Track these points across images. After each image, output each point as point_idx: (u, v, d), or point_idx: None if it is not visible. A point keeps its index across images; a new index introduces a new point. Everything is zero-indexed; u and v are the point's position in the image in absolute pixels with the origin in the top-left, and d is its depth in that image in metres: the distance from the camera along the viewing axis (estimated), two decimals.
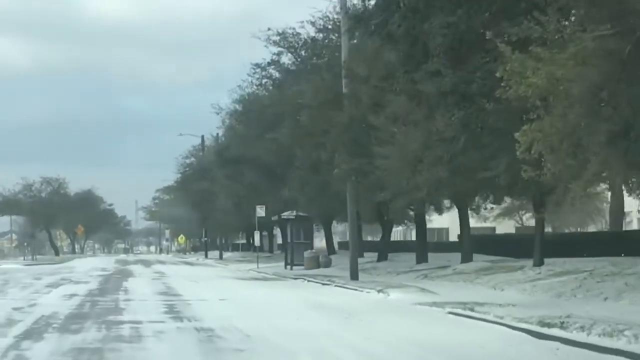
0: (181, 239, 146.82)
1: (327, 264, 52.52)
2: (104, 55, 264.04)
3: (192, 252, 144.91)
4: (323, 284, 35.13)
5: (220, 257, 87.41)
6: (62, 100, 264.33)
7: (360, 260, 53.34)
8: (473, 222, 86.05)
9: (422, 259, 41.08)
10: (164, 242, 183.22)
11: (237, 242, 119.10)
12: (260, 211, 57.01)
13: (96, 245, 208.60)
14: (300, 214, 51.87)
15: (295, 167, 41.90)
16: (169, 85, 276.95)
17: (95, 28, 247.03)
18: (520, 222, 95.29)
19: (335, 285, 33.32)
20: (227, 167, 56.45)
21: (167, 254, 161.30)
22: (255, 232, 59.09)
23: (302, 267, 52.45)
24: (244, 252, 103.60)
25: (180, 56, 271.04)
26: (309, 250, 52.71)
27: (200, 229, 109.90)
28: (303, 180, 40.66)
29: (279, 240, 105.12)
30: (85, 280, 42.35)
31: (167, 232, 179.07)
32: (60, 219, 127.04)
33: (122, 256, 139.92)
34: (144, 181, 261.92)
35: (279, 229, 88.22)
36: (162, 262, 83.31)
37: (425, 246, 41.52)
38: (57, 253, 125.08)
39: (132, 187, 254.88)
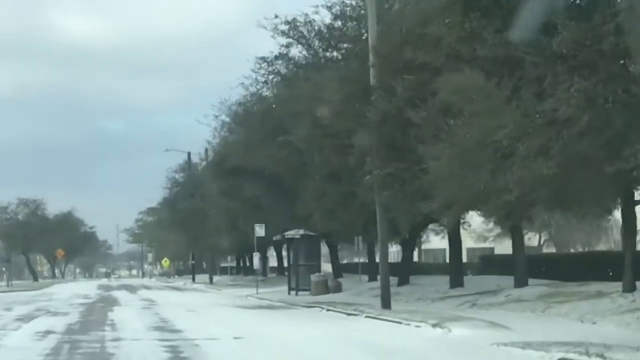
0: (165, 262, 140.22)
1: (337, 289, 46.70)
2: (77, 78, 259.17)
3: (176, 276, 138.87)
4: (348, 314, 29.32)
5: (211, 281, 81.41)
6: (37, 123, 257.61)
7: (374, 284, 47.71)
8: (471, 243, 79.95)
9: (457, 282, 35.34)
10: (147, 266, 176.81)
11: (225, 265, 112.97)
12: (260, 230, 51.17)
13: (77, 270, 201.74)
14: (309, 232, 46.14)
15: (309, 176, 36.02)
16: (145, 107, 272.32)
17: (68, 50, 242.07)
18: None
19: (366, 316, 27.53)
20: (225, 180, 50.42)
21: (150, 278, 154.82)
22: (255, 253, 53.25)
23: (308, 293, 46.68)
24: (234, 276, 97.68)
25: (156, 78, 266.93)
26: (317, 274, 46.88)
27: (187, 251, 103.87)
28: (320, 191, 34.60)
29: (272, 263, 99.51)
30: (64, 310, 36.43)
31: (150, 255, 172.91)
32: (39, 242, 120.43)
33: (104, 281, 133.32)
34: (124, 205, 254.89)
35: (273, 251, 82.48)
36: (147, 288, 77.17)
37: (462, 268, 35.75)
38: (35, 278, 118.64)
39: (112, 210, 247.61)
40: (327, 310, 32.40)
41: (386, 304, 29.25)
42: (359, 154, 27.26)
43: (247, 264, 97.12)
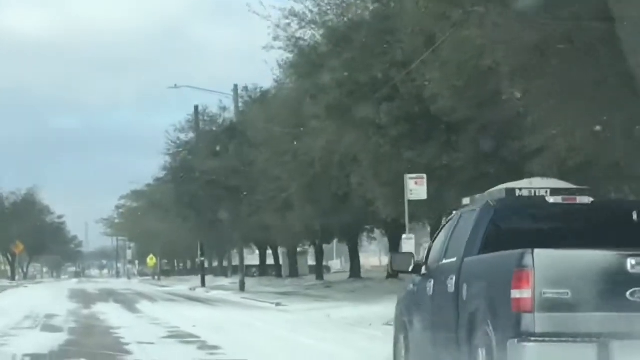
0: (151, 260, 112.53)
1: None
2: (26, 74, 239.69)
3: (163, 277, 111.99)
4: None
5: (242, 288, 53.49)
6: None
7: None
8: None
9: None
10: (128, 265, 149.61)
11: (235, 263, 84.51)
12: (419, 188, 24.70)
13: (44, 270, 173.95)
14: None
15: None
16: (97, 103, 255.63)
17: (17, 46, 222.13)
18: None
19: None
20: None
21: (129, 279, 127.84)
22: (407, 237, 25.58)
23: None
24: (259, 278, 69.71)
25: (108, 74, 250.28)
26: None
27: (190, 242, 76.23)
28: None
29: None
30: None
31: (129, 252, 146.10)
32: None
33: (74, 282, 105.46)
34: (88, 202, 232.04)
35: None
36: (149, 299, 49.19)
37: None
38: None
39: (76, 206, 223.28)
40: None
41: None
42: None
43: (279, 261, 69.39)
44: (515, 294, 8.97)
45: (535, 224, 10.61)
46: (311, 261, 71.10)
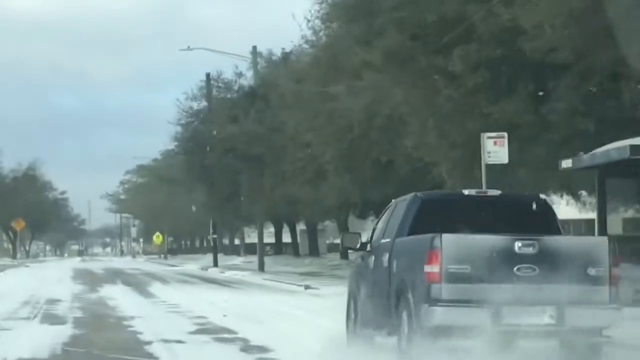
0: (157, 238, 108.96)
1: None
2: (29, 50, 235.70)
3: (169, 256, 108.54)
4: None
5: (261, 268, 49.20)
6: None
7: None
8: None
9: None
10: (132, 243, 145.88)
11: (249, 241, 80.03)
12: (500, 149, 20.57)
13: (47, 248, 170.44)
14: None
15: None
16: (103, 80, 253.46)
17: (19, 21, 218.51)
18: None
19: None
20: None
21: (134, 257, 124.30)
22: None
23: None
24: (275, 257, 65.25)
25: (112, 50, 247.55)
26: None
27: (200, 219, 72.04)
28: None
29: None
30: None
31: (134, 229, 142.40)
32: None
33: (78, 261, 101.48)
34: (90, 180, 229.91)
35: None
36: (161, 280, 44.87)
37: None
38: None
39: (78, 186, 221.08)
40: None
41: None
42: None
43: (297, 239, 64.95)
44: (427, 268, 11.40)
45: (454, 212, 12.81)
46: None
